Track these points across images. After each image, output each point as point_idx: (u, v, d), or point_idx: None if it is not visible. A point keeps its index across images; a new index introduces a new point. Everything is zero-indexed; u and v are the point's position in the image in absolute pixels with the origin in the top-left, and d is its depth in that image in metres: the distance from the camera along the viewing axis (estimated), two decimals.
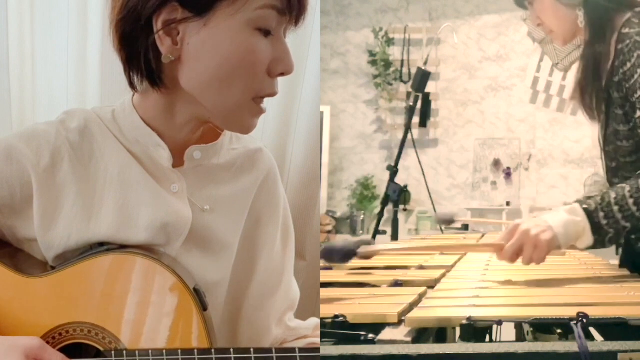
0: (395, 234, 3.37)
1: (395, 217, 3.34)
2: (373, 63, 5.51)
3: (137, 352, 0.96)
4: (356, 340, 0.79)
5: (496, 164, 5.37)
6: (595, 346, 0.70)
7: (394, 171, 3.31)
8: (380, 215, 3.38)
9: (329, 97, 5.63)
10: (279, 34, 1.00)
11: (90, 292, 0.99)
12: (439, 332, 0.94)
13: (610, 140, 1.33)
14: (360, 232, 5.33)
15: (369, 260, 1.32)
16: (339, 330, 0.82)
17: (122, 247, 1.02)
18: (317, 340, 1.10)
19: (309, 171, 1.92)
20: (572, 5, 1.33)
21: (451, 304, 0.98)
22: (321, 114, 5.30)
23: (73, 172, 1.04)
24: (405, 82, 5.44)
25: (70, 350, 0.99)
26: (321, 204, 5.29)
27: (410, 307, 0.93)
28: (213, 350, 0.95)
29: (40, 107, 1.96)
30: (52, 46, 1.95)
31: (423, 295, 1.05)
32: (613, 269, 1.38)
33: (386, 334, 0.81)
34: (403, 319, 0.85)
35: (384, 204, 3.35)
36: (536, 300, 1.00)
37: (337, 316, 0.84)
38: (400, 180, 3.37)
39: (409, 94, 5.28)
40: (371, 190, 5.50)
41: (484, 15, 5.41)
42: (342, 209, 5.55)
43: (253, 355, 0.95)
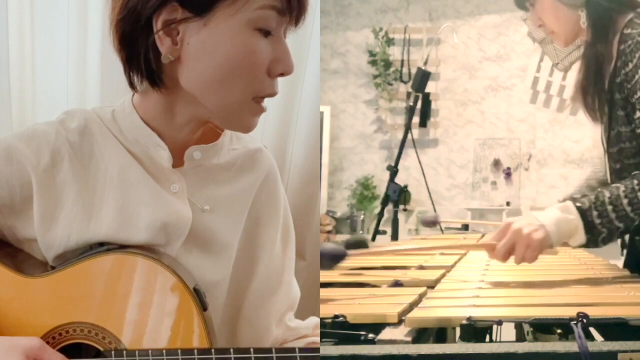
0: (395, 234, 3.37)
1: (395, 217, 3.34)
2: (373, 63, 5.51)
3: (137, 352, 0.96)
4: (356, 340, 0.79)
5: (496, 164, 5.37)
6: (595, 346, 0.70)
7: (394, 171, 3.31)
8: (380, 215, 3.38)
9: (329, 97, 5.63)
10: (278, 34, 0.99)
11: (90, 292, 0.99)
12: (439, 332, 0.94)
13: (614, 142, 1.32)
14: (360, 232, 5.32)
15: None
16: (339, 330, 0.82)
17: (122, 247, 1.02)
18: (317, 339, 1.09)
19: (309, 171, 1.92)
20: (574, 6, 1.32)
21: (451, 304, 0.98)
22: (321, 114, 5.30)
23: (73, 172, 1.04)
24: (405, 82, 5.44)
25: (70, 350, 0.99)
26: (321, 204, 5.29)
27: (410, 307, 0.93)
28: (213, 350, 0.95)
29: (40, 107, 1.96)
30: (52, 46, 1.95)
31: (423, 295, 1.05)
32: (613, 269, 1.38)
33: (386, 334, 0.81)
34: (403, 319, 0.85)
35: (384, 204, 3.35)
36: (536, 300, 1.00)
37: (337, 316, 0.84)
38: (400, 180, 3.37)
39: (409, 94, 5.29)
40: (371, 190, 5.50)
41: (484, 15, 5.41)
42: (342, 209, 5.55)
43: (253, 355, 0.94)
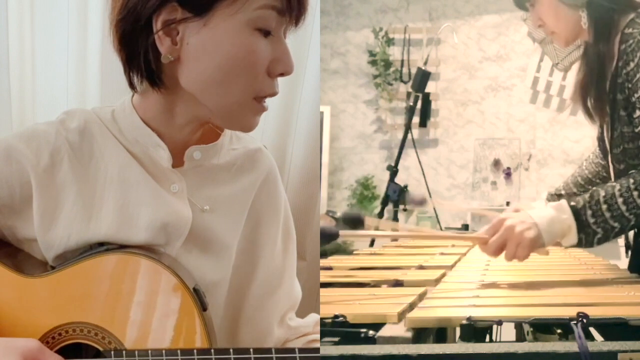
0: None
1: (395, 217, 3.34)
2: (373, 63, 5.51)
3: (137, 352, 0.96)
4: (356, 338, 0.79)
5: (496, 164, 5.36)
6: (595, 346, 0.70)
7: (394, 171, 3.31)
8: (380, 215, 3.38)
9: (329, 97, 5.62)
10: (278, 34, 0.99)
11: (91, 292, 0.99)
12: (439, 332, 0.94)
13: (617, 142, 1.31)
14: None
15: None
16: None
17: (121, 247, 1.02)
18: (318, 337, 1.09)
19: (309, 171, 1.92)
20: (575, 6, 1.31)
21: (451, 304, 0.98)
22: (321, 114, 5.29)
23: (73, 172, 1.04)
24: (405, 82, 5.43)
25: (70, 350, 0.99)
26: (321, 204, 5.28)
27: (410, 307, 0.93)
28: (212, 351, 0.95)
29: (40, 107, 1.97)
30: (52, 46, 1.95)
31: (423, 295, 1.05)
32: (613, 269, 1.38)
33: (386, 332, 0.81)
34: (403, 319, 0.85)
35: (384, 204, 3.35)
36: (536, 300, 1.00)
37: (337, 316, 0.84)
38: (400, 180, 3.37)
39: (409, 94, 5.28)
40: (371, 190, 5.50)
41: (484, 15, 5.41)
42: (342, 209, 5.53)
43: (252, 356, 0.94)
